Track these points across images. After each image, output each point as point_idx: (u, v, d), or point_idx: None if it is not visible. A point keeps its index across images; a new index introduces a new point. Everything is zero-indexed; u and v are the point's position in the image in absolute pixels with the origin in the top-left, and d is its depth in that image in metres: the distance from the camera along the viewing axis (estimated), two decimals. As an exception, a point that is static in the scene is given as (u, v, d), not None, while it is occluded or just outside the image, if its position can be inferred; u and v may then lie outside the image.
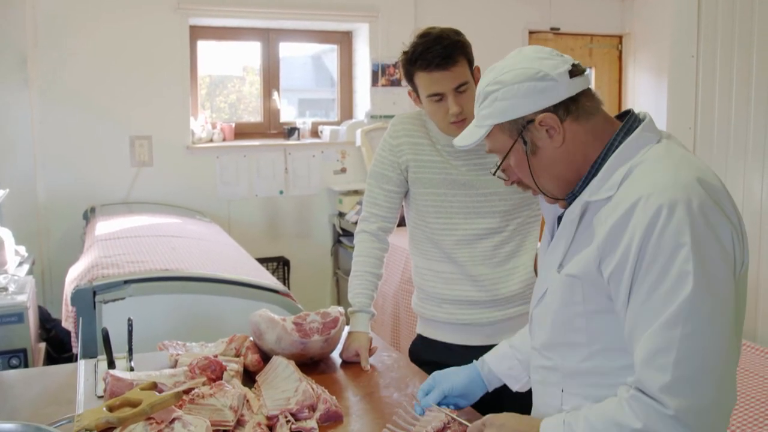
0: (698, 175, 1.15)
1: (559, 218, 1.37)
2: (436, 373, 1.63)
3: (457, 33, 1.94)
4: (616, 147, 1.24)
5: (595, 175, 1.25)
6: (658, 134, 1.25)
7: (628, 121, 1.26)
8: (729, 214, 1.15)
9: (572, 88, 1.25)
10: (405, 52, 1.95)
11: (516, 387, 1.61)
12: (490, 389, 1.63)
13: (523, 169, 1.30)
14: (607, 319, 1.22)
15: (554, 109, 1.24)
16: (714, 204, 1.13)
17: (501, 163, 1.32)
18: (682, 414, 1.08)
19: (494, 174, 1.37)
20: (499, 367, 1.61)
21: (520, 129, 1.26)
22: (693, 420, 1.09)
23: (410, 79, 1.98)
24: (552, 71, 1.23)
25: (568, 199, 1.31)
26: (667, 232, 1.10)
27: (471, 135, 1.33)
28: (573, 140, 1.26)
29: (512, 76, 1.25)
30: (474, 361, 1.66)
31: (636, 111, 1.29)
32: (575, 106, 1.25)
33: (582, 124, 1.26)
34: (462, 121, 1.93)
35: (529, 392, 1.62)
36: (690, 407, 1.08)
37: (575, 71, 1.25)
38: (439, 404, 1.57)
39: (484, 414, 1.64)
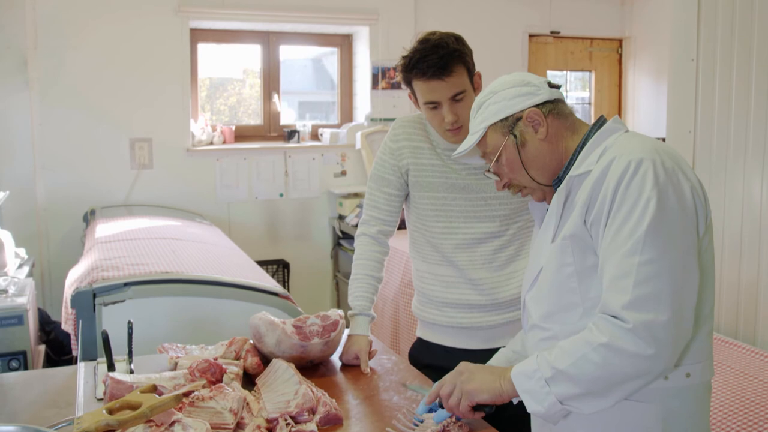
0: (661, 146, 1.36)
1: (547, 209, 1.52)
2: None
3: (458, 40, 1.93)
4: (592, 136, 1.45)
5: (575, 160, 1.45)
6: (626, 128, 1.47)
7: (600, 119, 1.49)
8: (688, 174, 1.35)
9: (551, 94, 1.48)
10: (403, 57, 1.95)
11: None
12: None
13: (514, 163, 1.48)
14: (596, 275, 1.37)
15: (538, 107, 1.46)
16: (674, 165, 1.33)
17: (495, 160, 1.49)
18: (639, 328, 1.25)
19: (487, 172, 1.53)
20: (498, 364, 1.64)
21: (511, 126, 1.47)
22: (648, 333, 1.25)
23: (408, 84, 1.98)
24: (535, 81, 1.49)
25: (555, 184, 1.49)
26: (634, 181, 1.30)
27: (468, 141, 1.52)
28: (555, 133, 1.47)
29: (501, 85, 1.50)
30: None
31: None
32: (554, 107, 1.48)
33: (561, 121, 1.48)
34: (458, 128, 1.93)
35: None
36: (646, 322, 1.25)
37: (552, 84, 1.49)
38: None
39: (485, 416, 1.65)
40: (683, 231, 1.30)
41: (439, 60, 1.86)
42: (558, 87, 1.51)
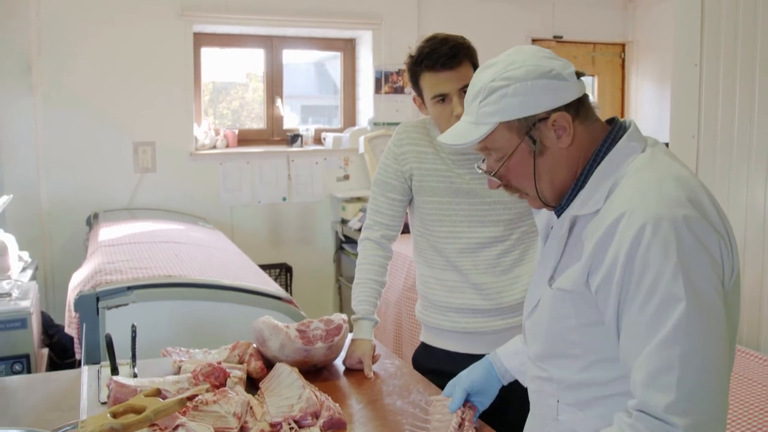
0: (682, 186, 1.14)
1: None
2: (450, 382, 1.61)
3: (463, 38, 1.98)
4: (602, 158, 1.23)
5: (582, 187, 1.24)
6: (643, 142, 1.24)
7: (613, 130, 1.25)
8: (715, 223, 1.13)
9: (579, 89, 1.23)
10: (411, 55, 1.97)
11: (527, 384, 1.58)
12: (505, 383, 1.62)
13: (523, 170, 1.25)
14: (600, 330, 1.21)
15: (566, 108, 1.21)
16: (699, 216, 1.11)
17: (504, 163, 1.25)
18: (690, 430, 1.06)
19: (486, 172, 1.30)
20: (511, 363, 1.59)
21: (529, 127, 1.21)
22: None
23: (416, 82, 2.00)
24: (563, 71, 1.21)
25: (557, 211, 1.30)
26: (653, 249, 1.08)
27: (469, 133, 1.25)
28: (578, 142, 1.23)
29: (524, 72, 1.20)
30: (485, 355, 1.65)
31: (620, 119, 1.28)
32: (583, 108, 1.24)
33: (586, 127, 1.24)
34: None
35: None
36: (697, 424, 1.07)
37: (579, 74, 1.24)
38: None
39: (488, 419, 1.65)
40: (720, 300, 1.10)
41: (449, 50, 1.91)
42: (582, 75, 1.25)
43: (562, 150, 1.23)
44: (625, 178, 1.18)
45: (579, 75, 1.24)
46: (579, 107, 1.23)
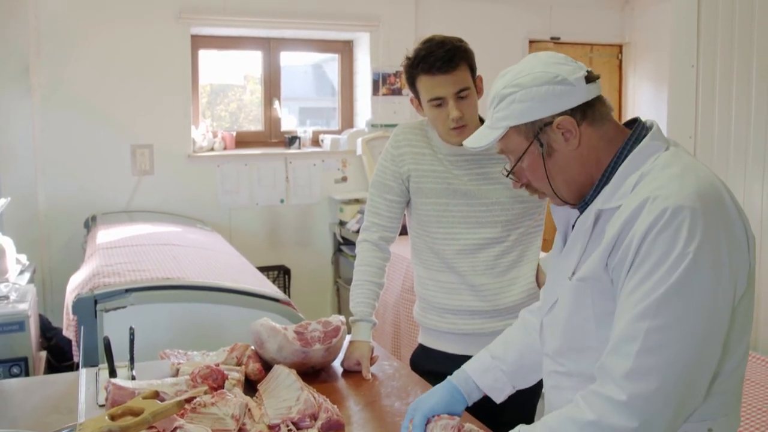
0: (704, 183, 1.18)
1: (573, 225, 1.38)
2: (410, 406, 1.55)
3: (460, 40, 1.97)
4: (626, 155, 1.27)
5: (606, 182, 1.28)
6: (666, 142, 1.28)
7: (637, 128, 1.30)
8: (733, 220, 1.18)
9: (588, 93, 1.28)
10: (408, 57, 1.97)
11: (500, 399, 1.58)
12: (470, 403, 1.58)
13: (537, 171, 1.32)
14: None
15: (571, 112, 1.27)
16: (716, 214, 1.16)
17: (515, 165, 1.33)
18: (633, 399, 1.13)
19: (507, 175, 1.37)
20: (483, 381, 1.56)
21: (536, 131, 1.28)
22: (642, 407, 1.13)
23: (412, 84, 2.00)
24: (569, 76, 1.27)
25: (581, 207, 1.34)
26: (666, 233, 1.13)
27: (485, 137, 1.34)
28: (587, 144, 1.28)
29: (531, 79, 1.27)
30: (448, 376, 1.60)
31: (643, 119, 1.33)
32: (591, 111, 1.29)
33: (596, 129, 1.29)
34: (462, 127, 1.94)
35: (530, 397, 1.62)
36: (642, 395, 1.12)
37: (590, 77, 1.29)
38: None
39: (484, 420, 1.65)
40: (712, 296, 1.14)
41: (445, 54, 1.90)
42: (596, 78, 1.31)
43: (572, 152, 1.29)
44: (650, 173, 1.22)
45: (592, 79, 1.29)
46: (586, 110, 1.28)
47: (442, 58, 1.90)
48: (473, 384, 1.57)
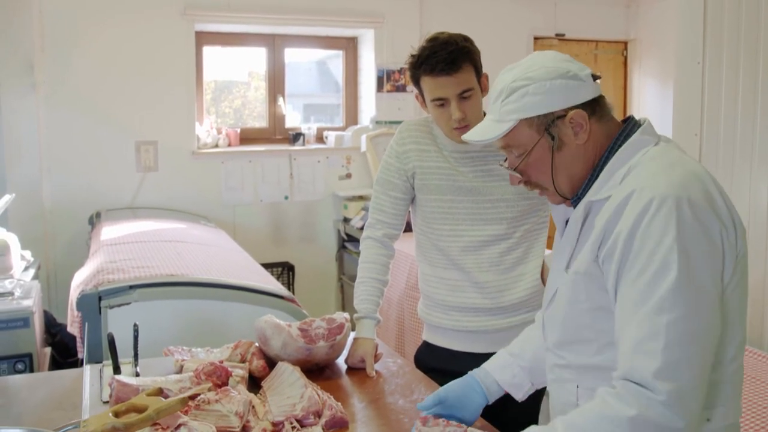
0: (691, 174, 1.21)
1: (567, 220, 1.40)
2: (441, 393, 1.57)
3: (466, 39, 1.95)
4: (617, 149, 1.30)
5: (596, 177, 1.31)
6: (656, 137, 1.31)
7: (627, 125, 1.33)
8: (719, 211, 1.20)
9: (595, 90, 1.31)
10: (412, 56, 1.96)
11: (520, 396, 1.60)
12: (491, 400, 1.59)
13: (542, 165, 1.32)
14: (610, 314, 1.25)
15: (583, 107, 1.29)
16: (703, 200, 1.18)
17: (524, 159, 1.33)
18: (672, 398, 1.12)
19: (514, 170, 1.36)
20: (502, 376, 1.59)
21: (548, 124, 1.29)
22: (681, 403, 1.12)
23: (416, 83, 1.99)
24: (579, 72, 1.30)
25: (573, 201, 1.36)
26: (655, 223, 1.15)
27: (492, 130, 1.33)
28: (593, 140, 1.31)
29: (544, 72, 1.28)
30: (470, 371, 1.62)
31: (636, 117, 1.35)
32: (599, 107, 1.31)
33: (601, 125, 1.31)
34: (465, 127, 1.93)
35: (534, 394, 1.63)
36: (678, 391, 1.12)
37: (594, 76, 1.32)
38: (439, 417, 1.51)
39: (488, 417, 1.65)
40: (712, 281, 1.17)
41: (448, 55, 1.88)
42: (598, 78, 1.34)
43: (579, 146, 1.30)
44: (638, 166, 1.25)
45: (594, 78, 1.32)
46: (595, 106, 1.31)
47: (444, 60, 1.88)
48: (492, 379, 1.59)
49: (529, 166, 1.34)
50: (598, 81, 1.33)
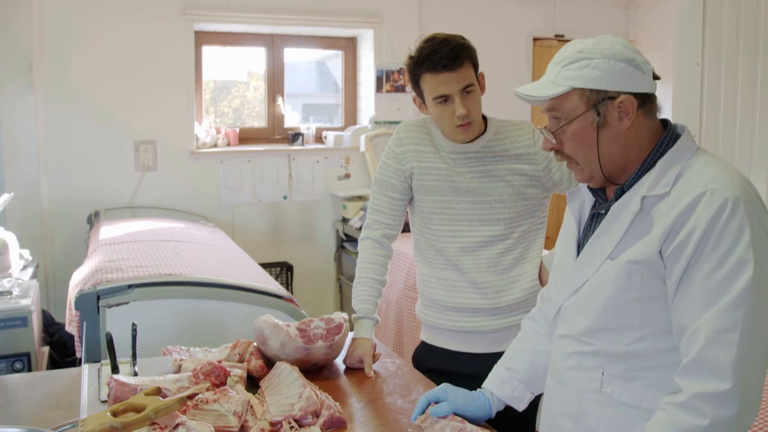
0: (744, 179, 1.29)
1: (594, 215, 1.45)
2: (448, 388, 1.61)
3: (463, 38, 1.97)
4: (664, 149, 1.35)
5: (645, 172, 1.35)
6: (696, 145, 1.38)
7: (671, 129, 1.39)
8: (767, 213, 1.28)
9: (651, 86, 1.36)
10: (411, 56, 1.96)
11: (521, 407, 1.64)
12: (493, 414, 1.64)
13: (580, 137, 1.36)
14: (662, 304, 1.30)
15: (635, 96, 1.33)
16: (760, 205, 1.27)
17: (563, 126, 1.36)
18: (736, 388, 1.18)
19: (554, 132, 1.39)
20: (502, 392, 1.63)
21: (598, 101, 1.33)
22: (744, 395, 1.19)
23: (416, 83, 1.99)
24: (643, 65, 1.35)
25: (617, 193, 1.39)
26: (732, 223, 1.21)
27: (544, 89, 1.37)
28: (635, 130, 1.35)
29: (611, 52, 1.33)
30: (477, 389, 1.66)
31: (672, 122, 1.41)
32: (649, 102, 1.36)
33: (647, 120, 1.36)
34: (468, 124, 1.94)
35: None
36: (746, 384, 1.19)
37: (655, 75, 1.37)
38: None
39: (491, 421, 1.65)
40: None
41: (449, 52, 1.89)
42: (658, 78, 1.38)
43: (620, 132, 1.34)
44: (691, 167, 1.31)
45: (656, 77, 1.37)
46: (645, 100, 1.35)
47: (447, 56, 1.89)
48: (495, 397, 1.63)
49: (567, 135, 1.37)
50: (657, 80, 1.37)
